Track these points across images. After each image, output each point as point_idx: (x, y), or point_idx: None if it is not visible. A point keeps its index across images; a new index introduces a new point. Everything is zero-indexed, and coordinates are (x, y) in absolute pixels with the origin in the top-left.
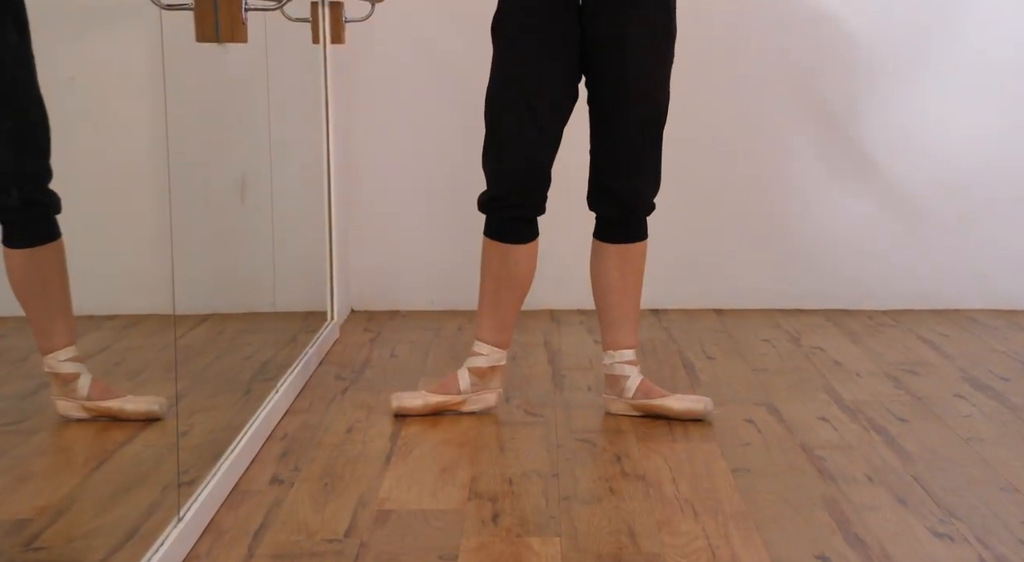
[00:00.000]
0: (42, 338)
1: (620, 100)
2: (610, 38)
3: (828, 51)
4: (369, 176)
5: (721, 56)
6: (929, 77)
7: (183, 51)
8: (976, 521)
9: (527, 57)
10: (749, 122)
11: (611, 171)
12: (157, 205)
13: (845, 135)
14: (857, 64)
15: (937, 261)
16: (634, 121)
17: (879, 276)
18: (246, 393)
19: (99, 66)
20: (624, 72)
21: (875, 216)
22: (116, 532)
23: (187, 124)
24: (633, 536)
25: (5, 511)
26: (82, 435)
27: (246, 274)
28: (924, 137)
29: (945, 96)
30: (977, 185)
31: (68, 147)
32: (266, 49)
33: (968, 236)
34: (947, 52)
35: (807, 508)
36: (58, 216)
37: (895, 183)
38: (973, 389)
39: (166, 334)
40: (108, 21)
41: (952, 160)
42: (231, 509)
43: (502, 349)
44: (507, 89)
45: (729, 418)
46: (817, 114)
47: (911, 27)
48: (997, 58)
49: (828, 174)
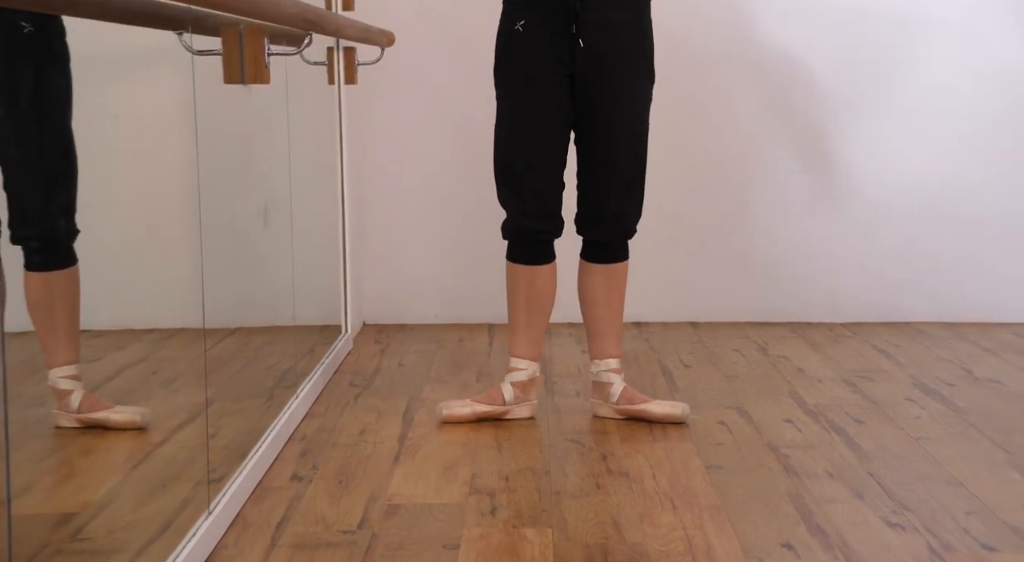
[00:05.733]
0: (48, 354)
1: (608, 138)
2: (599, 83)
3: (794, 88)
4: (379, 203)
5: (695, 95)
6: (886, 113)
7: (212, 92)
8: (925, 512)
9: (528, 105)
10: (721, 154)
11: (598, 200)
12: (189, 230)
13: (808, 165)
14: (822, 99)
15: (889, 278)
16: (620, 155)
17: (838, 292)
18: (269, 399)
19: (139, 105)
20: (612, 112)
21: (834, 238)
22: (152, 525)
23: (216, 157)
24: (618, 527)
25: (53, 505)
26: (123, 436)
27: (268, 292)
28: (879, 167)
29: (899, 130)
30: (925, 210)
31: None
32: (286, 90)
33: (917, 256)
34: (902, 91)
35: (774, 501)
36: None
37: (852, 208)
38: (922, 393)
39: (197, 346)
40: (146, 65)
41: (903, 188)
42: (256, 504)
43: (536, 362)
44: (513, 135)
45: (704, 420)
46: (783, 146)
47: (871, 67)
48: (946, 97)
49: (792, 200)
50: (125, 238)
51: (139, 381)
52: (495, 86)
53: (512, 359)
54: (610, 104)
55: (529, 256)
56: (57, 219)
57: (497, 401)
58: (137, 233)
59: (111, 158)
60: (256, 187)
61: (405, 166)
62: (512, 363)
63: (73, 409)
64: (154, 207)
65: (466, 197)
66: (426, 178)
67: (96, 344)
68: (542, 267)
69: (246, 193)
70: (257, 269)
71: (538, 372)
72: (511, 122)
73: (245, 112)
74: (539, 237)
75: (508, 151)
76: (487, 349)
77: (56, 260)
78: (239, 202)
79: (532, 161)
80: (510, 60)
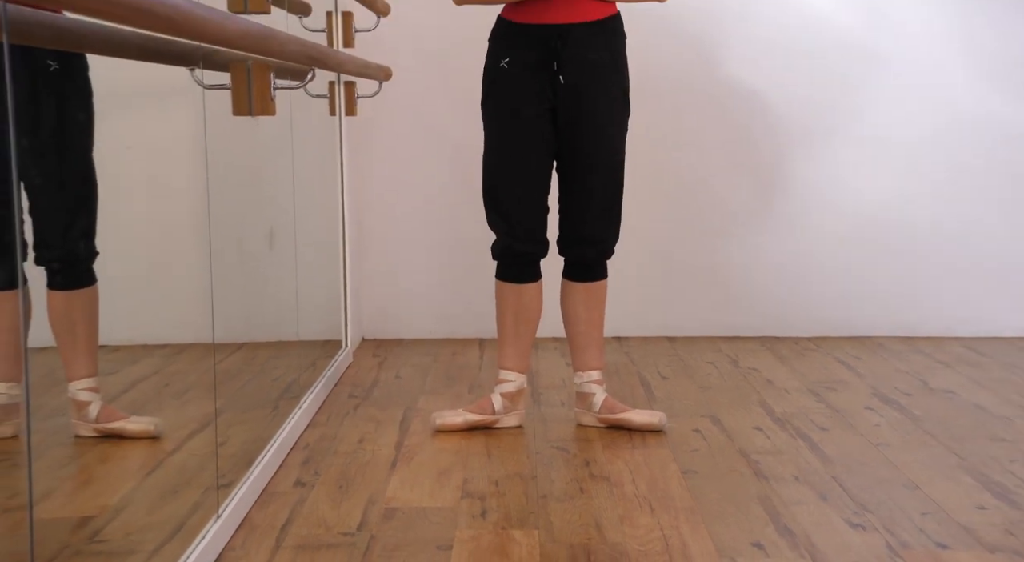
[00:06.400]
0: (68, 368)
1: (587, 167)
2: (579, 117)
3: (759, 120)
4: (377, 226)
5: (669, 126)
6: (844, 142)
7: (222, 123)
8: (884, 513)
9: (513, 136)
10: (694, 182)
11: (579, 223)
12: (199, 251)
13: (775, 192)
14: (787, 133)
15: (850, 296)
16: (598, 183)
17: (803, 308)
18: (274, 409)
19: (154, 135)
20: (590, 144)
21: (800, 259)
22: (165, 527)
23: (225, 183)
24: (600, 528)
25: (73, 509)
26: (137, 445)
27: (274, 309)
28: (839, 193)
29: (856, 158)
30: (882, 233)
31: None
32: (291, 121)
33: (875, 275)
34: (860, 122)
35: (744, 503)
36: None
37: (816, 231)
38: (881, 403)
39: (207, 360)
40: (160, 99)
41: (862, 212)
42: (261, 508)
43: (523, 374)
44: (500, 165)
45: (679, 428)
46: (750, 174)
47: (830, 101)
48: (900, 127)
49: (761, 224)
50: (140, 259)
51: (153, 393)
52: (483, 118)
53: (501, 371)
54: (589, 136)
55: (516, 275)
56: (78, 242)
57: (487, 411)
58: (151, 254)
59: (128, 185)
60: (262, 211)
61: (401, 192)
62: (501, 375)
63: (91, 419)
64: (167, 230)
65: (458, 221)
66: (421, 203)
67: (113, 358)
68: (528, 285)
69: (253, 217)
70: (263, 288)
71: (525, 384)
72: (498, 152)
73: (252, 142)
74: (525, 258)
75: (495, 179)
76: (478, 362)
77: (77, 280)
78: (247, 225)
79: (518, 188)
80: (496, 95)
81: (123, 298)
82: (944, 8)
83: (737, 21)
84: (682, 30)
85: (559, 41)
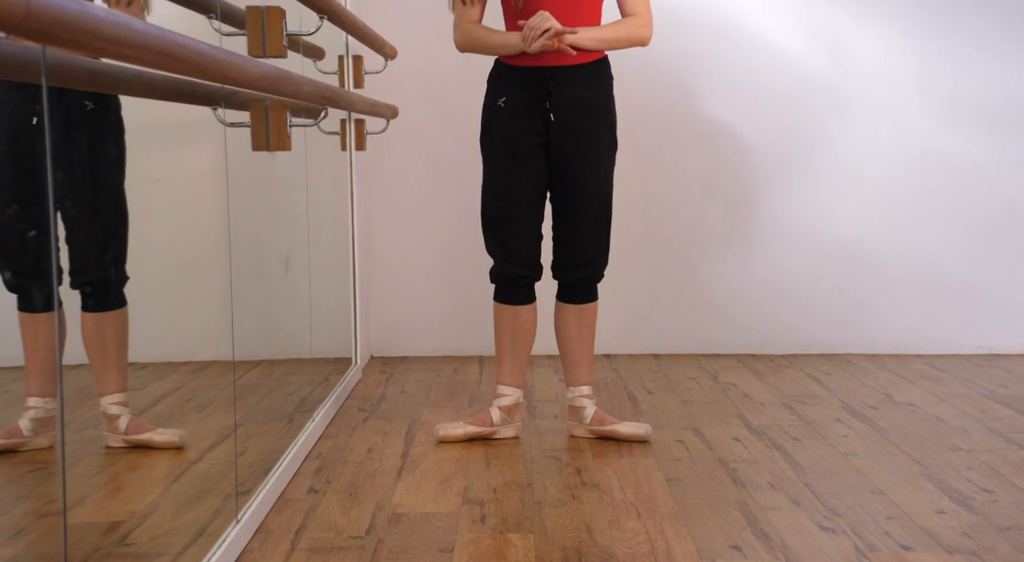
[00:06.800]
0: (99, 384)
1: (578, 198)
2: (570, 152)
3: (738, 156)
4: (384, 252)
5: (653, 159)
6: (816, 174)
7: (242, 158)
8: (852, 517)
9: (509, 170)
10: (678, 210)
11: (571, 250)
12: (221, 276)
13: (751, 220)
14: (761, 166)
15: (820, 316)
16: (588, 212)
17: (777, 328)
18: (289, 422)
19: (178, 169)
20: (581, 177)
21: (774, 282)
22: (188, 531)
23: (244, 213)
24: (590, 532)
25: (103, 515)
26: (163, 455)
27: (289, 328)
28: (810, 222)
29: (826, 189)
30: (849, 259)
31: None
32: (305, 155)
33: (843, 297)
34: (830, 155)
35: (724, 509)
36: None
37: (789, 257)
38: (849, 415)
39: (227, 376)
40: (185, 135)
41: (831, 239)
42: (277, 513)
43: (520, 389)
44: (496, 196)
45: (664, 439)
46: (730, 204)
47: (801, 136)
48: (866, 160)
49: (739, 250)
50: (166, 282)
51: (177, 407)
52: (481, 153)
53: (499, 386)
54: (579, 169)
55: (513, 298)
56: (110, 268)
57: (486, 423)
58: (176, 278)
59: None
60: (279, 238)
61: (407, 221)
62: (499, 390)
63: (121, 431)
64: (191, 256)
65: (458, 247)
66: (425, 231)
67: (141, 374)
68: (524, 307)
69: (270, 243)
70: (279, 309)
71: (521, 398)
72: (495, 184)
73: (270, 174)
74: (521, 281)
75: (493, 209)
76: (478, 378)
77: (108, 303)
78: (264, 251)
79: (513, 218)
80: (493, 131)
81: (151, 318)
82: (900, 51)
83: (714, 63)
84: (664, 71)
85: (551, 82)
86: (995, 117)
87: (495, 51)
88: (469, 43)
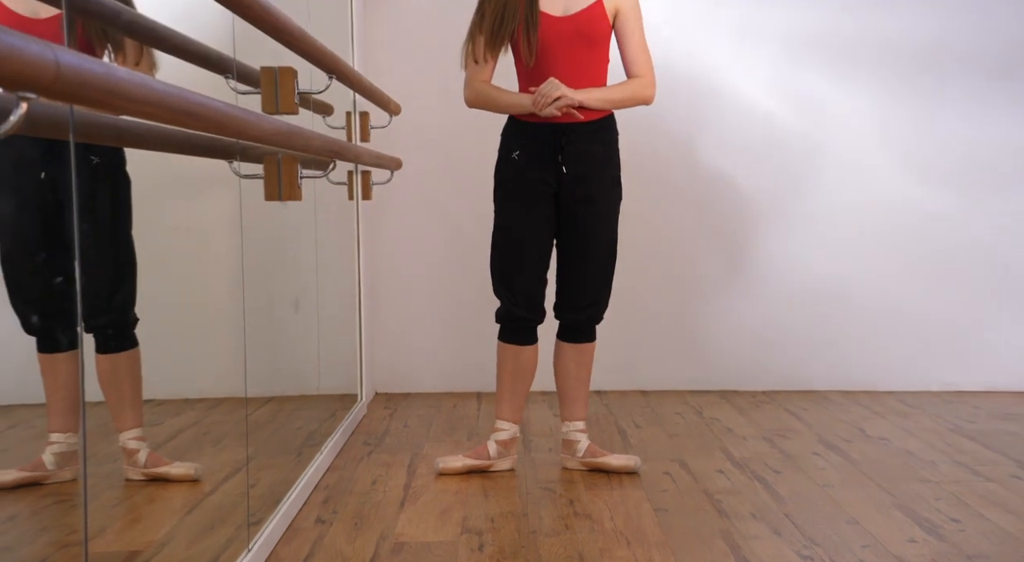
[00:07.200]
0: (116, 420)
1: (585, 245)
2: (579, 202)
3: (723, 205)
4: (388, 295)
5: (648, 207)
6: (795, 220)
7: (255, 207)
8: (829, 546)
9: (520, 218)
10: (667, 255)
11: (575, 293)
12: (234, 317)
13: (735, 266)
14: (745, 209)
15: (799, 355)
16: (594, 259)
17: (758, 366)
18: (298, 455)
19: (196, 218)
20: (588, 225)
21: (755, 323)
22: (202, 560)
23: (257, 258)
24: (583, 560)
25: (123, 544)
26: (180, 488)
27: (298, 367)
28: (789, 266)
29: (803, 238)
30: (825, 300)
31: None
32: (315, 204)
33: (820, 337)
34: (808, 203)
35: (708, 538)
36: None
37: (770, 299)
38: (825, 448)
39: (239, 412)
40: (203, 186)
41: (809, 281)
42: (287, 543)
43: (517, 424)
44: (507, 243)
45: (652, 471)
46: (715, 250)
47: (783, 186)
48: (840, 208)
49: (722, 293)
50: (182, 324)
51: (193, 441)
52: (494, 201)
53: (497, 421)
54: (589, 218)
55: (517, 338)
56: (120, 312)
57: (484, 456)
58: (192, 320)
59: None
60: (289, 282)
61: (409, 265)
62: (497, 424)
63: (140, 465)
64: (207, 299)
65: (458, 290)
66: (426, 275)
67: (158, 410)
68: (526, 347)
69: (281, 287)
70: (289, 348)
71: (518, 433)
72: (506, 232)
73: (281, 223)
74: (525, 323)
75: (503, 256)
76: (476, 413)
77: (121, 344)
78: (276, 294)
79: (522, 264)
80: (507, 183)
81: (169, 357)
82: (868, 110)
83: (707, 121)
84: (664, 128)
85: (563, 138)
86: (953, 170)
87: (504, 110)
88: (479, 100)
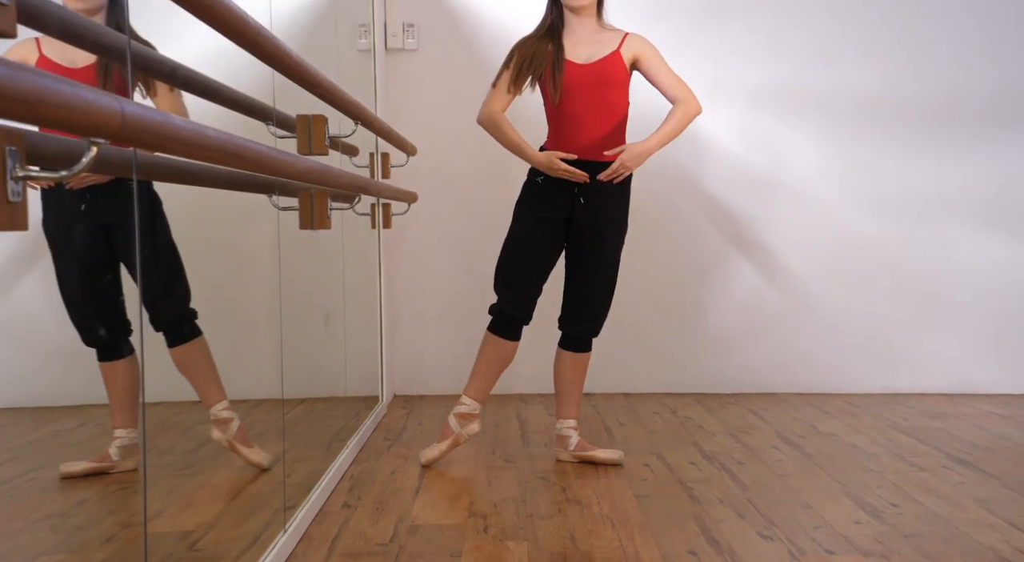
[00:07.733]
0: (204, 398)
1: (592, 265)
2: (589, 229)
3: (695, 235)
4: (406, 309)
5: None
6: (754, 250)
7: (291, 234)
8: (786, 527)
9: (532, 234)
10: (645, 278)
11: (580, 307)
12: (272, 329)
13: (705, 285)
14: (713, 242)
15: (760, 362)
16: (599, 277)
17: (725, 372)
18: (327, 449)
19: (240, 244)
20: (596, 248)
21: (722, 335)
22: (245, 539)
23: (292, 278)
24: (573, 540)
25: (177, 525)
26: (226, 477)
27: (328, 372)
28: (752, 286)
29: (763, 262)
30: (784, 315)
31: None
32: (343, 232)
33: (778, 346)
34: (765, 237)
35: (682, 520)
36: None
37: (735, 314)
38: (783, 443)
39: (277, 411)
40: (246, 217)
41: (769, 300)
42: (317, 525)
43: (479, 403)
44: (516, 253)
45: (633, 463)
46: (690, 273)
47: (746, 219)
48: (802, 236)
49: (696, 308)
50: (229, 334)
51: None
52: (513, 215)
53: (463, 396)
54: (595, 243)
55: (504, 332)
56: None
57: (448, 433)
58: (237, 331)
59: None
60: (320, 299)
61: (424, 283)
62: (462, 399)
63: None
64: (250, 313)
65: (467, 306)
66: (439, 293)
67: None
68: (509, 342)
69: (313, 303)
70: (320, 356)
71: (477, 409)
72: (516, 243)
73: (313, 248)
74: (514, 321)
75: (509, 262)
76: (482, 413)
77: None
78: (308, 309)
79: (525, 273)
80: (527, 201)
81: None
82: (823, 153)
83: (681, 161)
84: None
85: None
86: (891, 204)
87: (507, 147)
88: (489, 125)
